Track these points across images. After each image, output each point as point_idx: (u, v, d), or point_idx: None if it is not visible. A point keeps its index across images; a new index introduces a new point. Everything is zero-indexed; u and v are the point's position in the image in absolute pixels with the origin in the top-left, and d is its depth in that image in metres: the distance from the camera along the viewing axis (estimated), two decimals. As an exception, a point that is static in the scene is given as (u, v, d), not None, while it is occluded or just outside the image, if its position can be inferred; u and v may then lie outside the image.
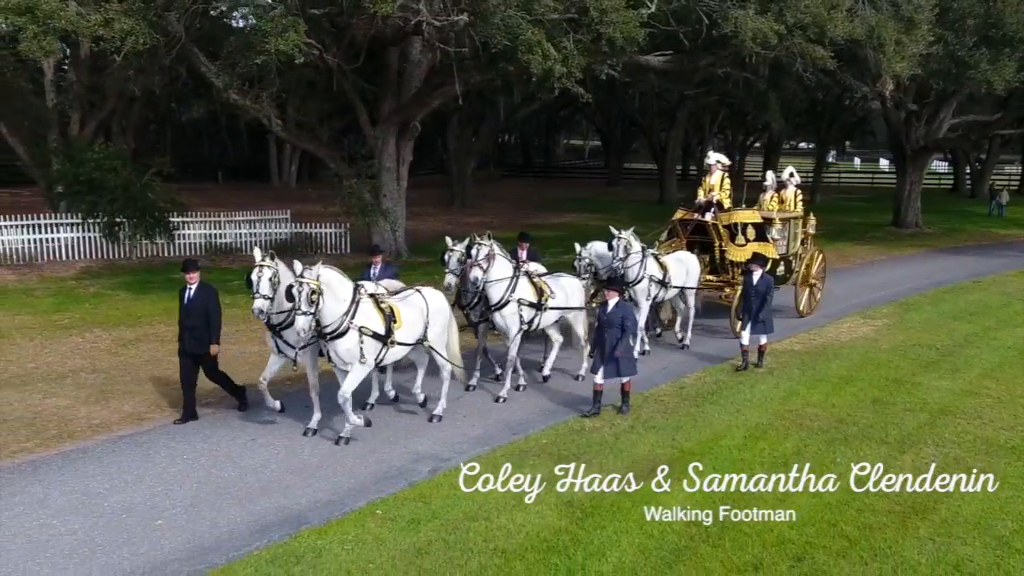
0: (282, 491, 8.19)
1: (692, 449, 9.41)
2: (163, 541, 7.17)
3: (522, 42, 14.95)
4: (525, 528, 7.47)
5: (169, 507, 7.76)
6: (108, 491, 8.07)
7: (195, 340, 9.76)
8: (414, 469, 8.76)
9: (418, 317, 9.74)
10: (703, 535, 7.40)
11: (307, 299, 8.40)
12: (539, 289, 11.20)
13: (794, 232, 16.36)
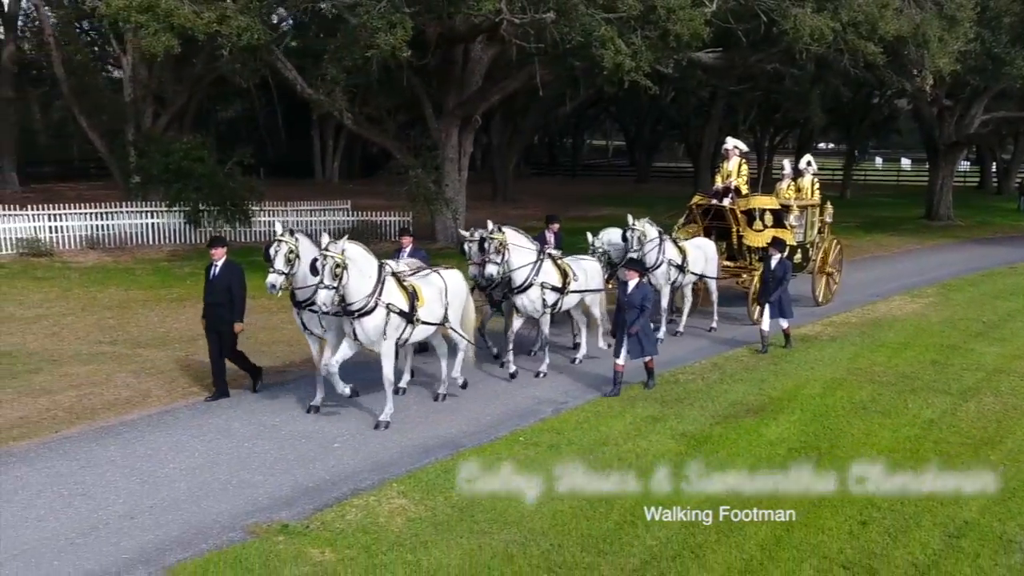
0: (429, 426, 9.42)
1: (779, 397, 10.59)
2: (344, 458, 8.43)
3: (596, 38, 16.13)
4: (650, 451, 8.68)
5: (341, 434, 9.01)
6: (283, 422, 9.33)
7: (217, 317, 9.81)
8: (539, 409, 9.98)
9: (438, 297, 9.72)
10: (815, 450, 8.59)
11: (331, 272, 8.27)
12: (563, 272, 11.27)
13: (811, 220, 16.35)
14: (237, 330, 9.92)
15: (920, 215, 34.48)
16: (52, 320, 14.33)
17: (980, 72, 23.84)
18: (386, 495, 7.47)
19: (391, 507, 7.24)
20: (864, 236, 29.06)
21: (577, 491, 7.62)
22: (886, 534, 6.96)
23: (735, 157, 15.33)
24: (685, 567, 6.36)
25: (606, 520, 7.07)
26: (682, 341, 13.54)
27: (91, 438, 8.90)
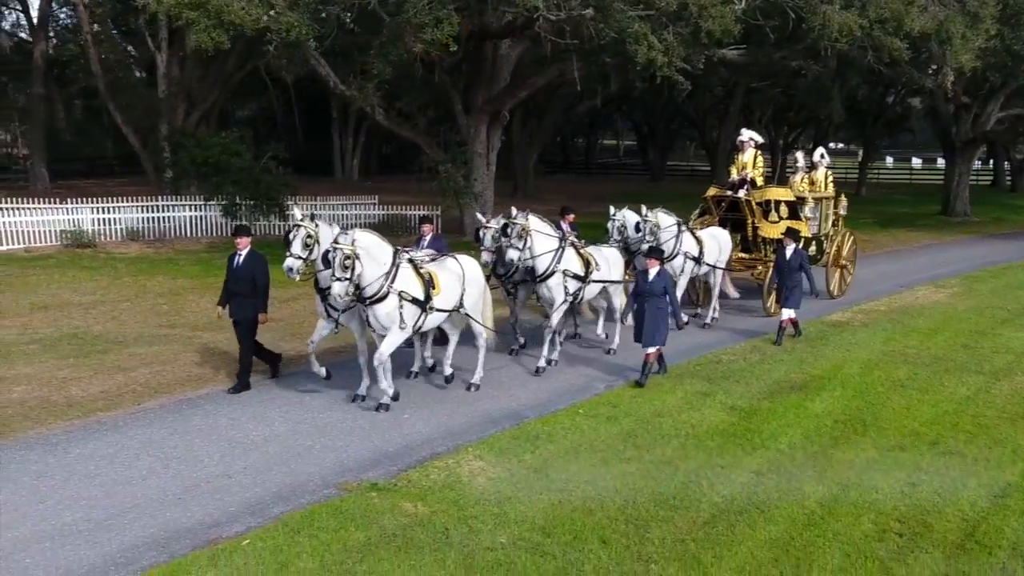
0: (491, 401, 9.91)
1: (819, 375, 11.05)
2: (417, 427, 8.93)
3: (630, 34, 16.60)
4: (704, 422, 9.16)
5: (408, 406, 9.50)
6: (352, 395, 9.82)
7: (239, 306, 9.80)
8: (593, 386, 10.47)
9: (455, 283, 9.66)
10: (852, 429, 9.04)
11: (341, 265, 8.28)
12: (585, 260, 11.18)
13: (826, 213, 16.32)
14: (262, 321, 9.88)
15: (935, 212, 34.87)
16: (109, 305, 14.86)
17: (1000, 69, 24.25)
18: (463, 458, 7.96)
19: (471, 468, 7.73)
20: (882, 231, 29.50)
21: (642, 455, 8.10)
22: (935, 494, 7.42)
23: (750, 149, 15.32)
24: (752, 520, 6.83)
25: (672, 480, 7.55)
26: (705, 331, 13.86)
27: (173, 409, 9.41)
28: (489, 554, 6.15)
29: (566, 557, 6.13)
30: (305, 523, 6.55)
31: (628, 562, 6.09)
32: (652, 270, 10.25)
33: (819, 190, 16.42)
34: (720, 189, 15.70)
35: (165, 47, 25.83)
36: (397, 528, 6.51)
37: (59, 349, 11.95)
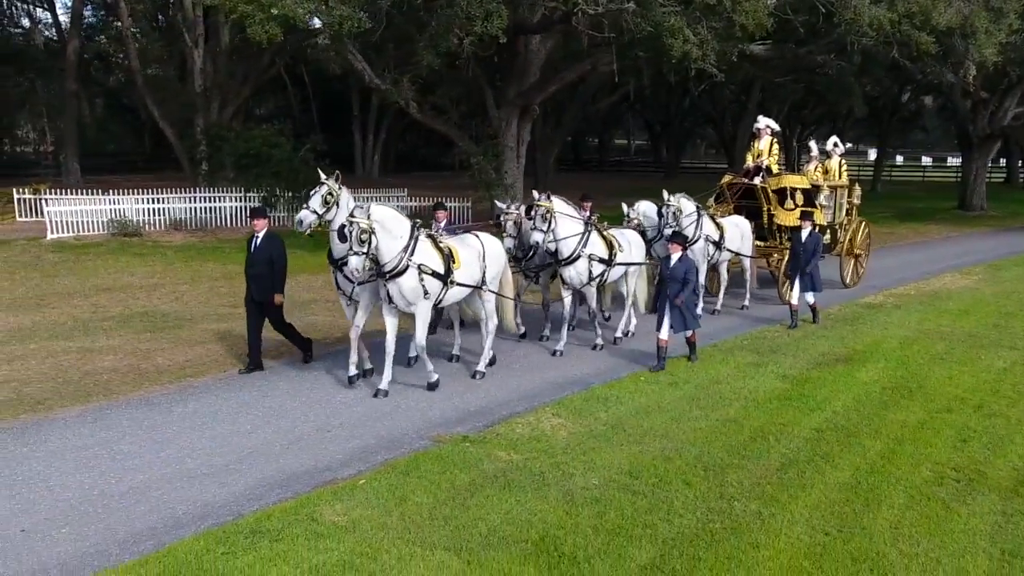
0: (557, 370, 10.49)
1: (861, 350, 11.61)
2: (492, 391, 9.51)
3: (666, 28, 17.15)
4: (760, 388, 9.72)
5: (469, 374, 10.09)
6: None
7: (259, 288, 9.77)
8: (646, 360, 11.01)
9: (475, 259, 9.61)
10: (899, 395, 9.59)
11: (358, 239, 8.25)
12: (609, 243, 11.18)
13: (840, 202, 16.25)
14: (277, 301, 9.85)
15: (952, 206, 35.37)
16: (169, 288, 15.48)
17: (1020, 64, 24.73)
18: (543, 416, 8.55)
19: (552, 424, 8.31)
20: (901, 224, 30.08)
21: (707, 415, 8.68)
22: (985, 448, 7.97)
23: (766, 136, 15.25)
24: (819, 467, 7.39)
25: (740, 435, 8.12)
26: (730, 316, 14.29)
27: (258, 376, 9.99)
28: (585, 492, 6.73)
29: (655, 495, 6.71)
30: (412, 467, 7.14)
31: (712, 500, 6.66)
32: (674, 255, 10.24)
33: (833, 179, 16.36)
34: (735, 176, 15.65)
35: (201, 44, 26.49)
36: (496, 471, 7.09)
37: (133, 325, 12.57)
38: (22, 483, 6.83)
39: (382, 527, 6.07)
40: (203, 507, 6.44)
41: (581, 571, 5.52)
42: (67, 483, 6.86)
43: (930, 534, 6.18)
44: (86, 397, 9.12)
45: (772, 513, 6.44)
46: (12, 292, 14.83)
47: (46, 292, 14.87)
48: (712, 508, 6.51)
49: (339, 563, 5.54)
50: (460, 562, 5.59)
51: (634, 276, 11.83)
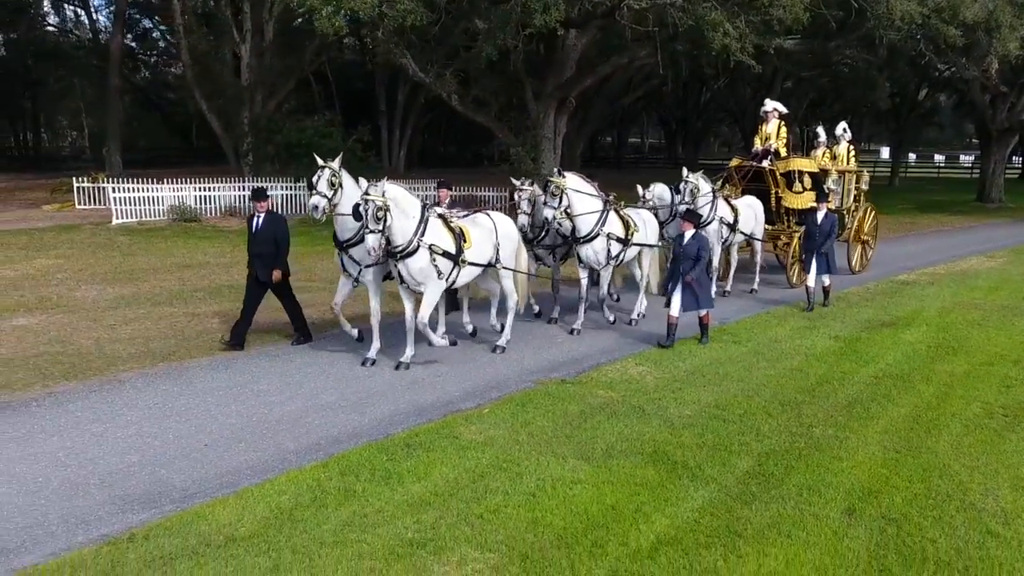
0: (622, 332, 11.44)
1: (903, 316, 12.54)
2: (573, 347, 10.47)
3: (708, 22, 18.10)
4: (816, 346, 10.66)
5: (557, 334, 11.05)
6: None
7: (265, 267, 9.86)
8: (719, 319, 11.93)
9: (487, 238, 9.60)
10: (943, 352, 10.52)
11: (374, 216, 8.24)
12: (626, 223, 11.10)
13: (847, 187, 16.21)
14: (276, 278, 9.93)
15: (970, 199, 36.20)
16: (242, 266, 16.35)
17: (1040, 58, 25.51)
18: (628, 364, 9.53)
19: (637, 371, 9.29)
20: (923, 215, 30.93)
21: (774, 365, 9.64)
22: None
23: (774, 119, 15.19)
24: (882, 404, 8.33)
25: (807, 380, 9.08)
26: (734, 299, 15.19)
27: (347, 339, 10.98)
28: (682, 419, 7.70)
29: (743, 422, 7.67)
30: (526, 400, 8.13)
31: (793, 427, 7.61)
32: (687, 233, 10.17)
33: (841, 164, 16.29)
34: (744, 159, 15.60)
35: (249, 39, 27.53)
36: (600, 404, 8.08)
37: (223, 295, 13.58)
38: (186, 412, 7.83)
39: (515, 442, 7.05)
40: (353, 430, 7.42)
41: (694, 474, 6.48)
42: (225, 412, 7.86)
43: (986, 453, 7.12)
44: (209, 350, 10.12)
45: (847, 436, 7.40)
46: (100, 268, 15.87)
47: (132, 268, 15.91)
48: (794, 432, 7.47)
49: (489, 465, 6.53)
50: (590, 467, 6.57)
51: (647, 257, 11.76)
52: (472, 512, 5.72)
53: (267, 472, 6.42)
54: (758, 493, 6.17)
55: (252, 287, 10.09)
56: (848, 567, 5.14)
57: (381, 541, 5.29)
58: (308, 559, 5.04)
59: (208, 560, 5.02)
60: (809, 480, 6.41)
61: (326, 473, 6.34)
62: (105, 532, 5.44)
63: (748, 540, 5.43)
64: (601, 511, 5.79)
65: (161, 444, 7.02)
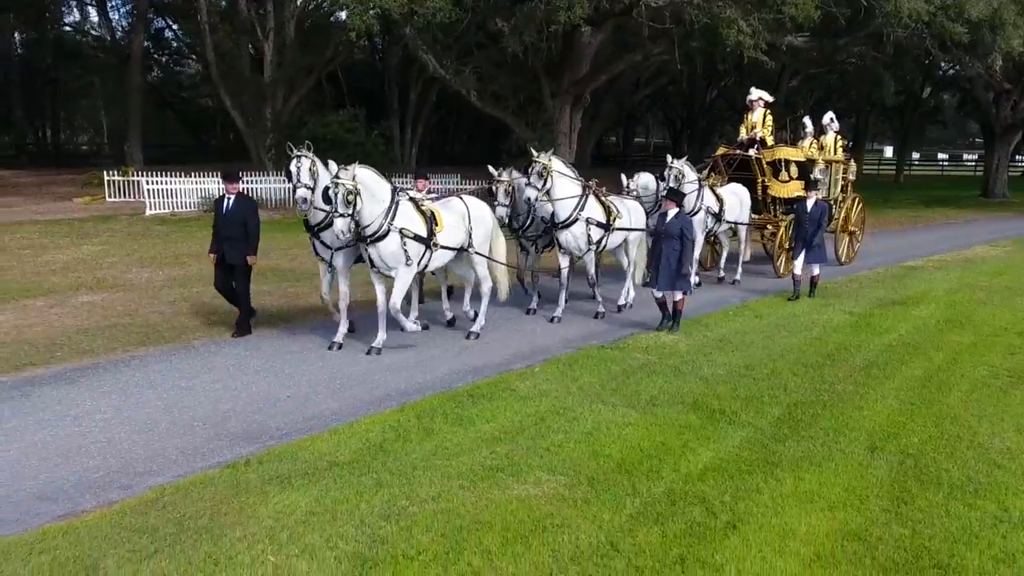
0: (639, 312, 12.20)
1: (914, 295, 13.29)
2: (602, 324, 11.23)
3: (722, 20, 18.85)
4: (832, 320, 11.41)
5: (589, 312, 11.80)
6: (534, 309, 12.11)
7: (233, 250, 9.70)
8: (727, 299, 12.70)
9: (459, 222, 9.53)
10: (951, 325, 11.26)
11: (344, 200, 8.21)
12: (607, 209, 10.91)
13: (835, 177, 16.18)
14: (251, 263, 9.84)
15: (975, 195, 36.97)
16: (281, 252, 17.25)
17: (1043, 56, 26.24)
18: (660, 334, 10.28)
19: (669, 339, 10.05)
20: (928, 209, 31.70)
21: (795, 335, 10.40)
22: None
23: (759, 108, 15.15)
24: (896, 367, 9.07)
25: (826, 347, 9.83)
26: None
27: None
28: (715, 376, 8.46)
29: (771, 380, 8.42)
30: (572, 361, 8.89)
31: (817, 383, 8.36)
32: (670, 212, 10.04)
33: (829, 154, 16.26)
34: (729, 148, 15.52)
35: (272, 37, 28.33)
36: (640, 364, 8.84)
37: (269, 277, 14.31)
38: (261, 371, 8.59)
39: (567, 394, 7.82)
40: (417, 385, 8.18)
41: (731, 419, 7.24)
42: (298, 371, 8.61)
43: (993, 405, 7.86)
44: (270, 322, 10.87)
45: (866, 392, 8.14)
46: (145, 253, 16.66)
47: (176, 253, 16.69)
48: (818, 388, 8.22)
49: (547, 411, 7.29)
50: (637, 413, 7.32)
51: (634, 245, 11.66)
52: (538, 446, 6.48)
53: (347, 417, 7.18)
54: (789, 434, 6.92)
55: (218, 272, 9.93)
56: (873, 488, 5.88)
57: (464, 466, 6.05)
58: (405, 478, 5.80)
59: (318, 479, 5.78)
60: (834, 424, 7.16)
61: (404, 416, 7.10)
62: (219, 460, 6.19)
63: (784, 468, 6.18)
64: (652, 446, 6.54)
65: (247, 396, 7.79)
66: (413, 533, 5.02)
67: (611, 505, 5.48)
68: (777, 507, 5.52)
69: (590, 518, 5.29)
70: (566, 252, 10.86)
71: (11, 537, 4.97)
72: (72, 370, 8.50)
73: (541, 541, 4.97)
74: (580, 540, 5.01)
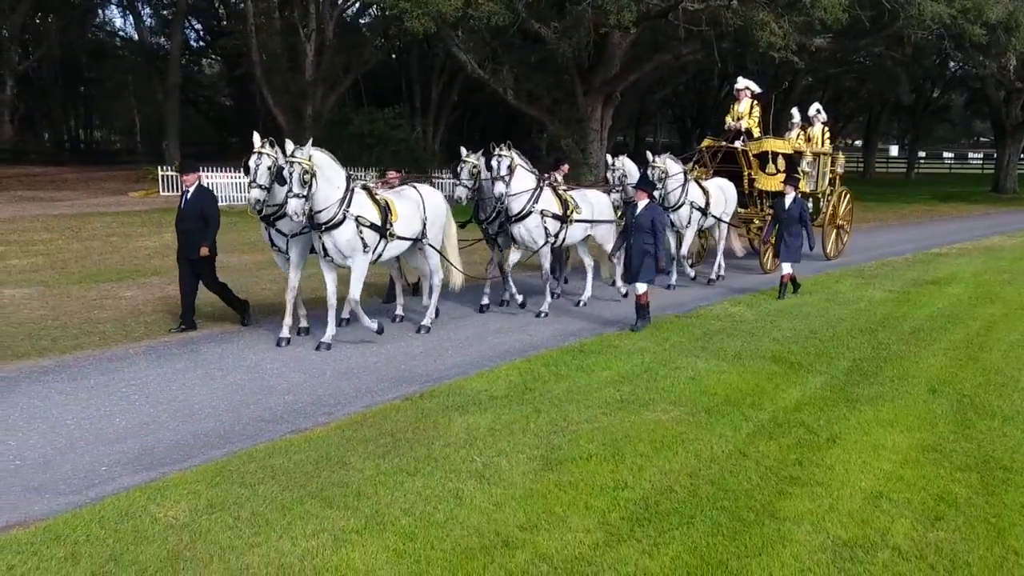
0: (697, 292, 13.42)
1: (943, 277, 14.52)
2: (653, 301, 12.46)
3: (755, 22, 20.06)
4: (875, 296, 12.63)
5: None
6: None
7: (191, 244, 9.37)
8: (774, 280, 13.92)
9: (414, 212, 9.31)
10: (982, 301, 12.48)
11: (299, 180, 7.86)
12: (564, 201, 10.63)
13: (823, 170, 15.82)
14: (202, 253, 9.38)
15: (984, 191, 38.21)
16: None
17: (1054, 55, 27.47)
18: (726, 306, 11.56)
19: (735, 310, 11.30)
20: (942, 204, 32.95)
21: (845, 307, 11.64)
22: (1058, 327, 10.88)
23: (746, 99, 14.78)
24: (939, 333, 10.28)
25: (874, 318, 11.05)
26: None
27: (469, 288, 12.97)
28: (785, 338, 9.70)
29: (833, 341, 9.66)
30: (656, 326, 10.14)
31: (873, 344, 9.58)
32: (641, 203, 9.76)
33: (816, 146, 15.91)
34: (715, 140, 15.12)
35: (314, 37, 29.57)
36: (717, 329, 10.09)
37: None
38: (388, 337, 9.80)
39: (663, 349, 9.07)
40: (530, 344, 9.42)
41: (808, 369, 8.47)
42: (420, 337, 9.82)
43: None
44: (368, 299, 12.09)
45: (918, 351, 9.37)
46: (222, 241, 17.84)
47: (239, 243, 17.86)
48: (876, 347, 9.45)
49: (652, 362, 8.53)
50: (727, 364, 8.56)
51: (608, 241, 11.40)
52: (654, 387, 7.72)
53: (482, 366, 8.42)
54: (860, 380, 8.15)
55: (182, 266, 9.65)
56: (939, 417, 7.10)
57: (599, 400, 7.29)
58: (557, 407, 7.04)
59: (487, 407, 7.02)
60: (897, 373, 8.39)
61: (533, 365, 8.35)
62: (389, 397, 7.43)
63: (862, 403, 7.41)
64: (748, 387, 7.78)
65: (388, 351, 9.03)
66: (580, 443, 6.26)
67: (730, 426, 6.71)
68: (864, 429, 6.75)
69: (716, 435, 6.52)
70: (520, 246, 10.63)
71: (249, 448, 6.19)
72: (234, 332, 9.73)
73: (684, 448, 6.21)
74: (714, 448, 6.24)
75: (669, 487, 5.53)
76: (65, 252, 16.02)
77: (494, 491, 5.40)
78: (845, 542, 4.84)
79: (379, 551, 4.62)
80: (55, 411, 6.98)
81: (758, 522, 5.05)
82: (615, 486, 5.52)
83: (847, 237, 17.05)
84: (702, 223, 13.25)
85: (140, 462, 5.91)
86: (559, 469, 5.78)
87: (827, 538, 4.88)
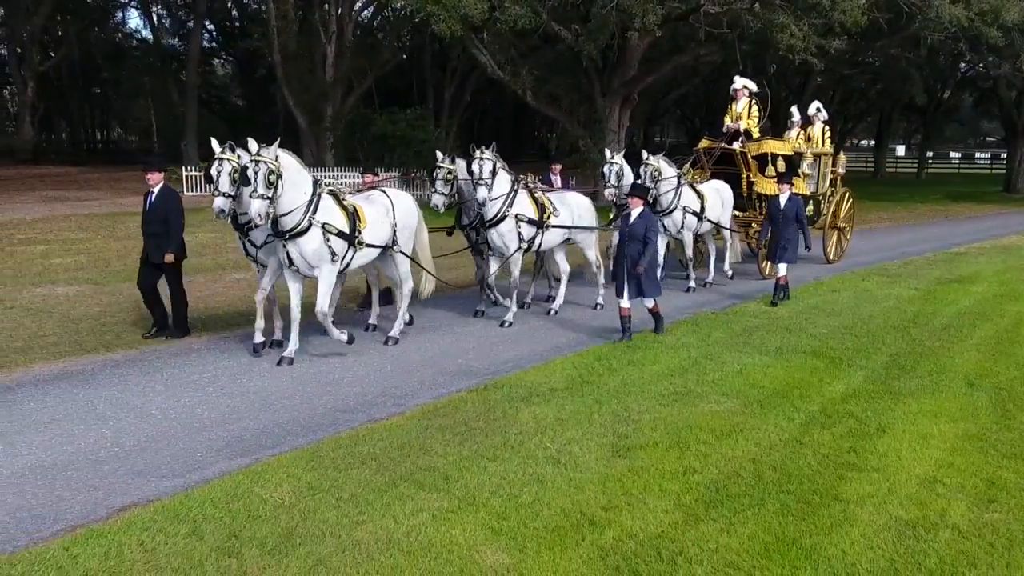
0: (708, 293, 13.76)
1: (967, 275, 14.84)
2: (681, 299, 12.81)
3: (775, 25, 20.39)
4: (903, 294, 12.95)
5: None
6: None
7: (156, 248, 9.10)
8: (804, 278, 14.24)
9: (384, 217, 8.96)
10: (1007, 298, 12.80)
11: (264, 180, 7.49)
12: (540, 205, 10.29)
13: (823, 171, 15.50)
14: (167, 260, 9.14)
15: (995, 191, 38.49)
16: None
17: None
18: (749, 305, 11.89)
19: (754, 310, 11.63)
20: (954, 204, 33.24)
21: (875, 305, 11.97)
22: (1082, 324, 11.20)
23: (744, 98, 14.42)
24: (970, 329, 10.60)
25: (904, 314, 11.38)
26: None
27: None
28: (823, 333, 10.05)
29: (869, 337, 9.98)
30: (696, 323, 10.51)
31: (908, 340, 9.90)
32: (635, 211, 9.27)
33: (816, 146, 15.53)
34: (712, 141, 14.69)
35: (334, 39, 29.96)
36: (756, 325, 10.44)
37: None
38: (440, 330, 10.16)
39: (707, 345, 9.41)
40: (575, 340, 9.78)
41: (848, 363, 8.80)
42: (470, 332, 10.18)
43: (1060, 356, 9.43)
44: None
45: (951, 346, 9.70)
46: (256, 240, 18.23)
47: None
48: (910, 343, 9.78)
49: (698, 357, 8.88)
50: (770, 358, 8.91)
51: (590, 247, 11.31)
52: (704, 380, 8.07)
53: (536, 360, 8.78)
54: (899, 374, 8.48)
55: (144, 269, 9.34)
56: (981, 409, 7.43)
57: (655, 392, 7.64)
58: (616, 398, 7.40)
59: (550, 398, 7.38)
60: (934, 368, 8.72)
61: (586, 359, 8.71)
62: (452, 389, 7.78)
63: (904, 396, 7.74)
64: (794, 380, 8.12)
65: (441, 348, 9.40)
66: (644, 431, 6.61)
67: (783, 417, 7.06)
68: (910, 420, 7.08)
69: (771, 424, 6.86)
70: (495, 253, 10.31)
71: (334, 436, 6.54)
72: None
73: (744, 436, 6.55)
74: (771, 437, 6.59)
75: (735, 472, 5.88)
76: (105, 251, 16.41)
77: (572, 475, 5.75)
78: (907, 522, 5.18)
79: (476, 528, 4.97)
80: (137, 401, 7.35)
81: (823, 504, 5.40)
82: (684, 471, 5.87)
83: (848, 240, 16.67)
84: (698, 228, 12.88)
85: (231, 448, 6.27)
86: (629, 456, 6.13)
87: (890, 518, 5.22)
